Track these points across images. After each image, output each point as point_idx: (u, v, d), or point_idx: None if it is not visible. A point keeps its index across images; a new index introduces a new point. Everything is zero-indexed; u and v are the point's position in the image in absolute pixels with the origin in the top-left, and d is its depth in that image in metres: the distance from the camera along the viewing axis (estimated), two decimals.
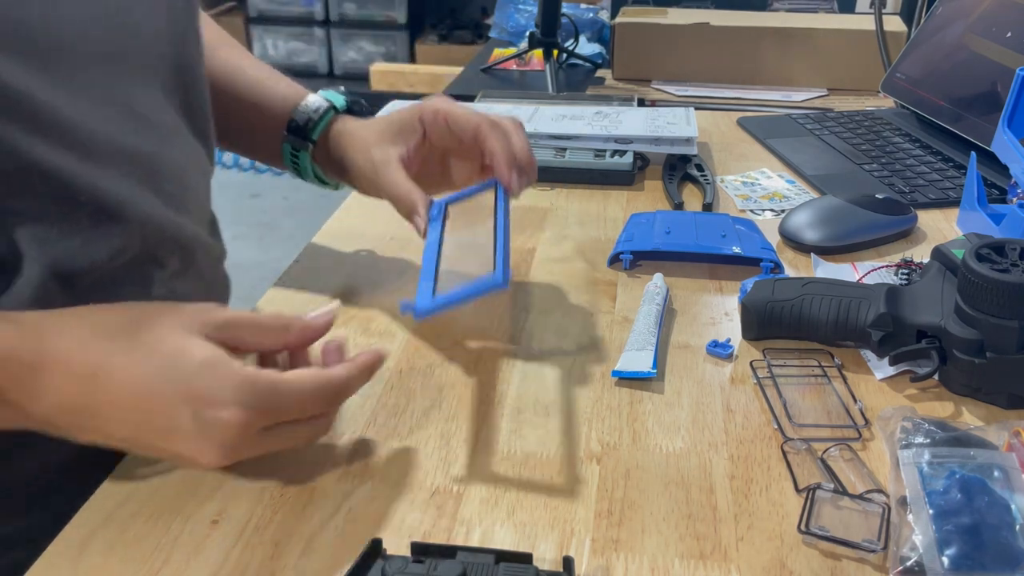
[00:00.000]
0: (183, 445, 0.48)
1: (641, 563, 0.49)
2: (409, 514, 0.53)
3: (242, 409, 0.47)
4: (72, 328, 0.49)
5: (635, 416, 0.62)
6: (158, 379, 0.47)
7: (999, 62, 1.08)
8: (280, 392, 0.49)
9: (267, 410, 0.49)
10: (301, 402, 0.50)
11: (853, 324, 0.66)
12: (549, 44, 1.57)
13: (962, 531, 0.48)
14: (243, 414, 0.47)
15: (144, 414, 0.48)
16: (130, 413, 0.48)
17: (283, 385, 0.49)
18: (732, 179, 1.04)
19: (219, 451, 0.48)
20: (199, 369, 0.48)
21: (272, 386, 0.49)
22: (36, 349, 0.48)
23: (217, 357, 0.48)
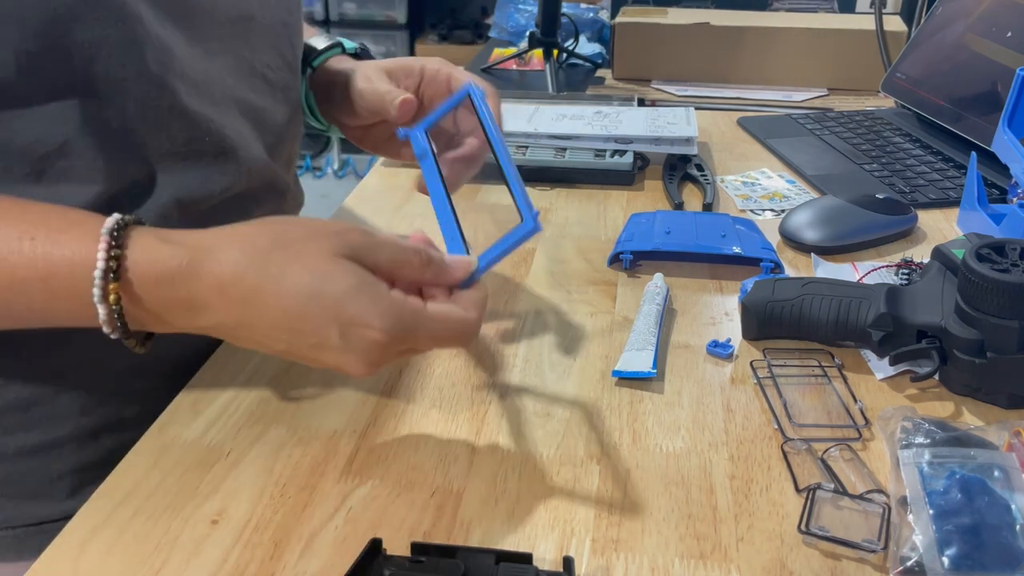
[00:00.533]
0: (332, 358, 0.51)
1: (641, 563, 0.49)
2: (409, 514, 0.53)
3: (385, 332, 0.49)
4: (225, 251, 0.51)
5: (635, 416, 0.62)
6: (309, 302, 0.49)
7: (999, 62, 1.08)
8: (421, 324, 0.51)
9: (408, 337, 0.51)
10: (438, 337, 0.52)
11: (853, 324, 0.66)
12: (549, 44, 1.57)
13: (962, 531, 0.48)
14: (386, 336, 0.50)
15: (296, 333, 0.50)
16: (283, 332, 0.51)
17: (425, 319, 0.51)
18: (732, 179, 1.04)
19: (364, 364, 0.51)
20: (347, 292, 0.49)
21: (415, 317, 0.51)
22: (193, 273, 0.50)
23: (364, 281, 0.50)
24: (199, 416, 0.61)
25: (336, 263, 0.50)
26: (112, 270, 0.49)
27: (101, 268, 0.49)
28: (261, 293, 0.50)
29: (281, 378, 0.65)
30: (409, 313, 0.51)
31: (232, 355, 0.68)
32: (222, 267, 0.50)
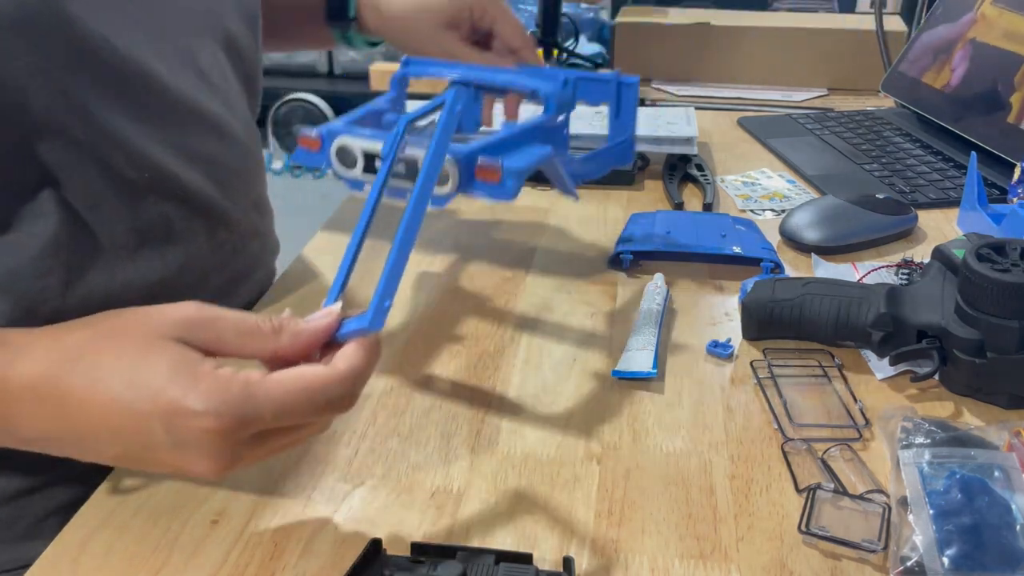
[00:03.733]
0: (170, 458, 0.44)
1: (641, 563, 0.49)
2: (409, 514, 0.53)
3: (215, 417, 0.41)
4: (41, 351, 0.46)
5: (635, 416, 0.62)
6: (124, 395, 0.43)
7: (1000, 62, 1.07)
8: (256, 398, 0.42)
9: (244, 419, 0.42)
10: (294, 409, 0.43)
11: (853, 324, 0.66)
12: (549, 44, 1.57)
13: (962, 531, 0.48)
14: (217, 422, 0.41)
15: (120, 434, 0.44)
16: (108, 434, 0.44)
17: (259, 390, 0.42)
18: (732, 179, 1.04)
19: (209, 461, 0.43)
20: (165, 376, 0.42)
21: (246, 391, 0.42)
22: (6, 376, 0.45)
23: (183, 360, 0.43)
24: None
25: (154, 345, 0.43)
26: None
27: None
28: (75, 392, 0.44)
29: None
30: (238, 388, 0.42)
31: None
32: (35, 366, 0.45)
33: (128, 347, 0.44)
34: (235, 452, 0.43)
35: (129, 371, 0.43)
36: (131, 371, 0.43)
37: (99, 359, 0.44)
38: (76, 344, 0.46)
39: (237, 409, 0.42)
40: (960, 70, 1.14)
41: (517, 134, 0.62)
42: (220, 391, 0.42)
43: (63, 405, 0.44)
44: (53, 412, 0.45)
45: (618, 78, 0.76)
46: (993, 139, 1.02)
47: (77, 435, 0.45)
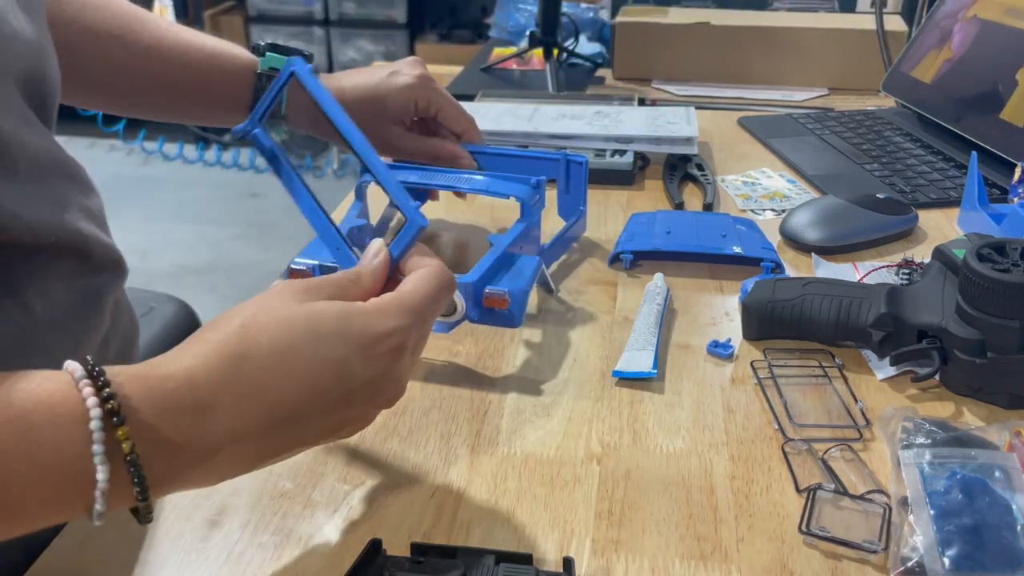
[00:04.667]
0: (365, 397, 0.45)
1: (641, 563, 0.49)
2: (409, 514, 0.53)
3: (401, 332, 0.45)
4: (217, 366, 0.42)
5: (635, 416, 0.62)
6: (318, 350, 0.43)
7: (1000, 61, 1.07)
8: (412, 303, 0.47)
9: (418, 320, 0.47)
10: (429, 303, 0.48)
11: (854, 324, 0.66)
12: (549, 43, 1.57)
13: (963, 531, 0.48)
14: (402, 335, 0.46)
15: (324, 391, 0.43)
16: (311, 396, 0.43)
17: (407, 298, 0.47)
18: (733, 179, 1.04)
19: (394, 386, 0.47)
20: (338, 321, 0.44)
21: (401, 302, 0.47)
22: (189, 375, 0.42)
23: (340, 306, 0.45)
24: None
25: (302, 309, 0.44)
26: (113, 412, 0.38)
27: (98, 416, 0.38)
28: (269, 382, 0.42)
29: None
30: (395, 303, 0.47)
31: None
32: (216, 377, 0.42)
33: (287, 323, 0.44)
34: (406, 369, 0.47)
35: (310, 337, 0.43)
36: (306, 330, 0.43)
37: (273, 347, 0.43)
38: (233, 334, 0.43)
39: (409, 318, 0.46)
40: (960, 46, 1.14)
41: (506, 249, 0.69)
42: (388, 312, 0.46)
43: (262, 396, 0.42)
44: (244, 396, 0.42)
45: (566, 156, 0.83)
46: (993, 139, 1.02)
47: (272, 420, 0.43)
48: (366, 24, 3.64)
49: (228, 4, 3.83)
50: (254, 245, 2.94)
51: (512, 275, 0.67)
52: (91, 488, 0.38)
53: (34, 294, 0.56)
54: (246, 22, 3.72)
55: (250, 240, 2.97)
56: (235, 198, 3.28)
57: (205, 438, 0.41)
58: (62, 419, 0.38)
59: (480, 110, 1.15)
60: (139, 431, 0.39)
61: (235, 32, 3.71)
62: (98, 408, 0.38)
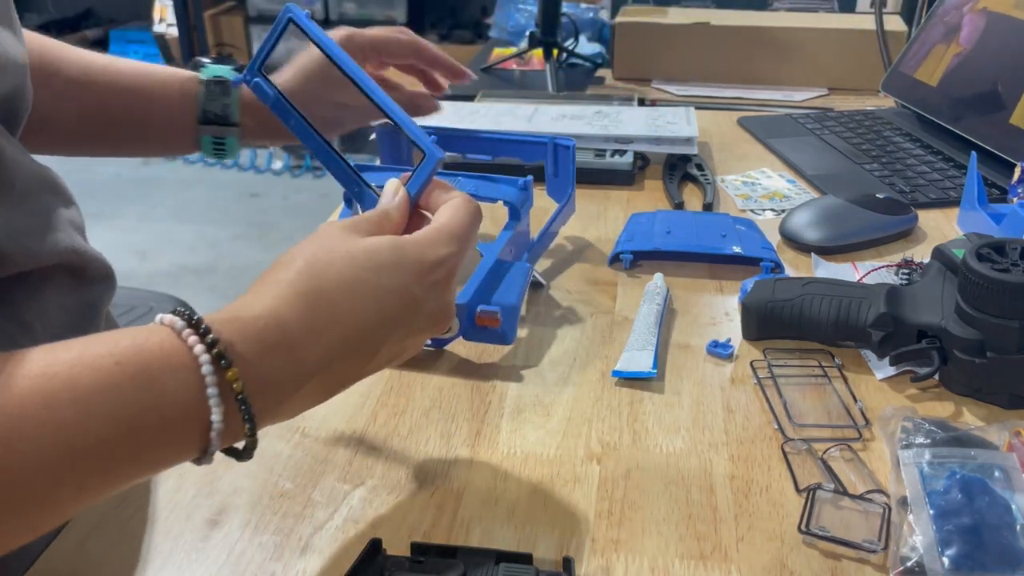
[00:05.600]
0: (426, 318, 0.49)
1: (641, 563, 0.49)
2: (409, 514, 0.53)
3: (453, 255, 0.49)
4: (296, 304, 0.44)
5: (635, 416, 0.62)
6: (383, 281, 0.46)
7: (1000, 61, 1.07)
8: (458, 222, 0.50)
9: (464, 242, 0.50)
10: (469, 225, 0.51)
11: (853, 324, 0.66)
12: (549, 44, 1.57)
13: (963, 531, 0.48)
14: (455, 258, 0.49)
15: (391, 316, 0.46)
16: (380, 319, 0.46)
17: (447, 223, 0.50)
18: (732, 179, 1.04)
19: (448, 308, 0.50)
20: (394, 252, 0.47)
21: (443, 229, 0.49)
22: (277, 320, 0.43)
23: (393, 239, 0.48)
24: None
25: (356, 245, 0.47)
26: (221, 356, 0.40)
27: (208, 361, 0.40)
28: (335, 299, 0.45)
29: None
30: (436, 231, 0.50)
31: None
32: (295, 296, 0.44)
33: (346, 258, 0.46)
34: (453, 293, 0.50)
35: (366, 265, 0.46)
36: (367, 263, 0.46)
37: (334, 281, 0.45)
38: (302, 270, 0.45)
39: (455, 244, 0.49)
40: (960, 69, 1.14)
41: (497, 256, 0.69)
42: (437, 241, 0.48)
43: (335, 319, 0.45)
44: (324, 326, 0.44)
45: (553, 140, 0.83)
46: (993, 139, 1.02)
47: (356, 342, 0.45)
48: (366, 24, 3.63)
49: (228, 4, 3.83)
50: (254, 245, 2.94)
51: (504, 287, 0.68)
52: (206, 430, 0.40)
53: (34, 314, 0.56)
54: (246, 22, 3.72)
55: (250, 240, 2.97)
56: (235, 198, 3.28)
57: (296, 370, 0.43)
58: (177, 368, 0.39)
59: (480, 110, 1.15)
60: (244, 371, 0.41)
61: (235, 32, 3.71)
62: (206, 354, 0.40)
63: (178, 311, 0.42)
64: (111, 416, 0.37)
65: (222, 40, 3.70)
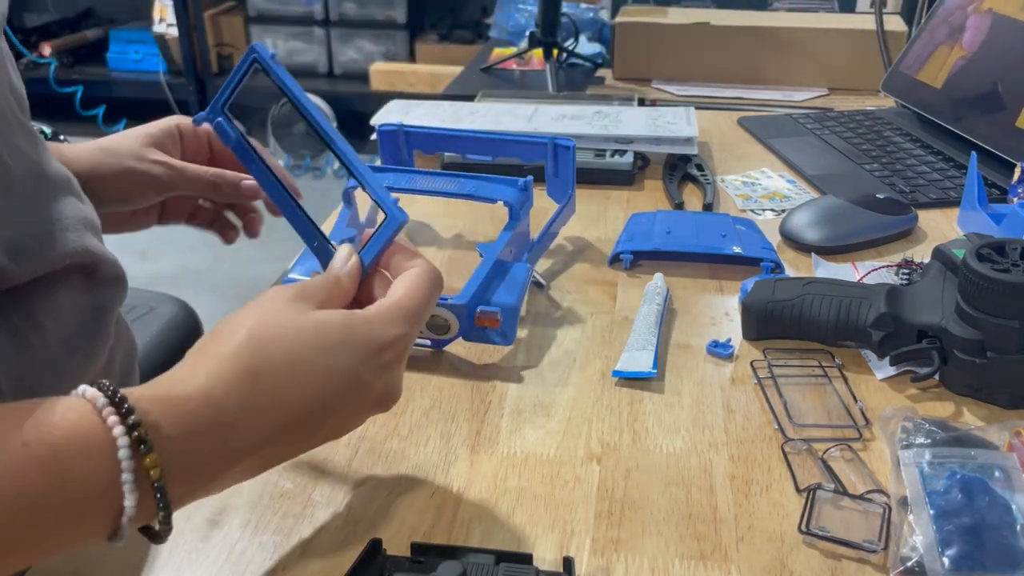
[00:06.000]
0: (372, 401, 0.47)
1: (641, 563, 0.49)
2: (409, 514, 0.53)
3: (406, 335, 0.47)
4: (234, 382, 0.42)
5: (635, 416, 0.62)
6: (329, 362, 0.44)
7: (1000, 61, 1.07)
8: (410, 306, 0.48)
9: (417, 323, 0.48)
10: (425, 302, 0.49)
11: (854, 324, 0.66)
12: (549, 44, 1.58)
13: (963, 531, 0.48)
14: (407, 339, 0.47)
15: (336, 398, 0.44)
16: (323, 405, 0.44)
17: (405, 300, 0.48)
18: (732, 179, 1.04)
19: (398, 387, 0.48)
20: (344, 332, 0.45)
21: (401, 307, 0.47)
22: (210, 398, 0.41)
23: (344, 315, 0.46)
24: None
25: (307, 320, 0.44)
26: (141, 440, 0.38)
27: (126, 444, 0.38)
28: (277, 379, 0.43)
29: None
30: (394, 308, 0.47)
31: None
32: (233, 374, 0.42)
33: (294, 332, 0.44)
34: (402, 370, 0.48)
35: (314, 344, 0.44)
36: (316, 342, 0.44)
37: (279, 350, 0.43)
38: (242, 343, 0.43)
39: (408, 324, 0.47)
40: (960, 69, 1.14)
41: (497, 257, 0.69)
42: (389, 320, 0.46)
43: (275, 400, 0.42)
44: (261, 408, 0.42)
45: (554, 140, 0.83)
46: (993, 139, 1.02)
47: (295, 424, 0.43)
48: (366, 24, 3.64)
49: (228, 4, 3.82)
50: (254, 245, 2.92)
51: (504, 288, 0.68)
52: (118, 515, 0.38)
53: (45, 315, 0.56)
54: (246, 22, 3.72)
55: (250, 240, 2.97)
56: None
57: (226, 452, 0.41)
58: (90, 451, 0.37)
59: (480, 110, 1.15)
60: (166, 454, 0.39)
61: (235, 32, 3.71)
62: (125, 437, 0.38)
63: (102, 384, 0.39)
64: (11, 500, 0.36)
65: (222, 40, 3.70)
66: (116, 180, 0.69)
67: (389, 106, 1.16)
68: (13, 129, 0.54)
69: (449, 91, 1.59)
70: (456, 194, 0.75)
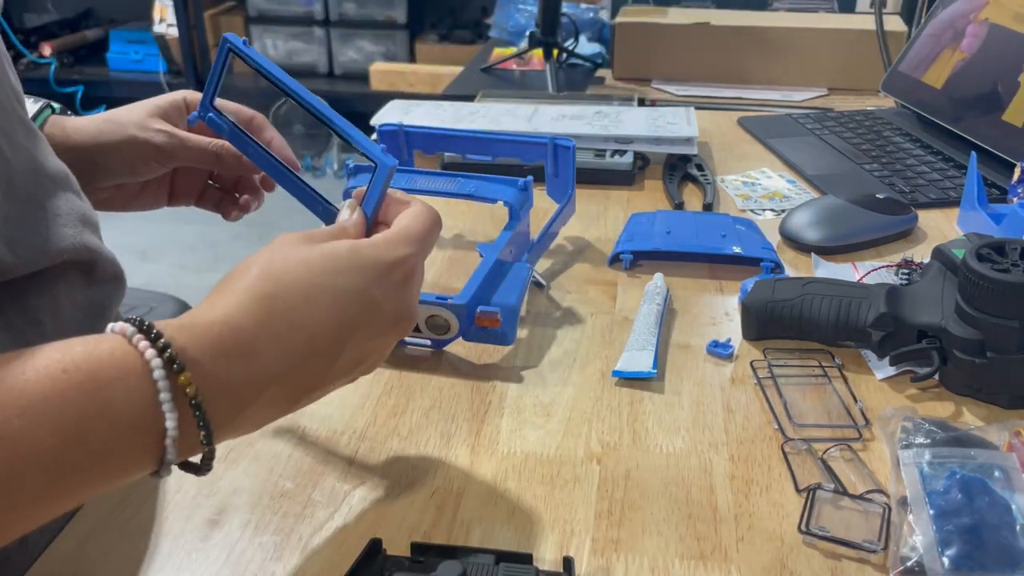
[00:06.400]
0: (386, 322, 0.47)
1: (641, 563, 0.49)
2: (409, 514, 0.53)
3: (412, 255, 0.48)
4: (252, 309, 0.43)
5: (635, 416, 0.62)
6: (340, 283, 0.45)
7: (1000, 61, 1.07)
8: (415, 229, 0.49)
9: (423, 246, 0.50)
10: (431, 225, 0.51)
11: (853, 324, 0.66)
12: (549, 44, 1.57)
13: (962, 531, 0.48)
14: (414, 259, 0.48)
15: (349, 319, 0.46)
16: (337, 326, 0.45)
17: (409, 225, 0.50)
18: (732, 179, 1.04)
19: (412, 309, 0.49)
20: (351, 254, 0.47)
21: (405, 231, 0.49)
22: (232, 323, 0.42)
23: (350, 242, 0.48)
24: None
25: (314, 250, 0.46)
26: (172, 360, 0.39)
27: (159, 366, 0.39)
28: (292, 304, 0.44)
29: None
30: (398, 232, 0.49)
31: None
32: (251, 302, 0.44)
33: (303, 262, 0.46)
34: (415, 297, 0.49)
35: (323, 268, 0.45)
36: (325, 267, 0.45)
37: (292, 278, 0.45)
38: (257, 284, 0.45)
39: (414, 246, 0.48)
40: (960, 69, 1.14)
41: (497, 257, 0.69)
42: (394, 242, 0.48)
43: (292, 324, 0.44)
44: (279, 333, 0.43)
45: (554, 140, 0.82)
46: (993, 139, 1.02)
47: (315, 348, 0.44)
48: (366, 24, 3.64)
49: (228, 4, 3.83)
50: (254, 245, 2.93)
51: (504, 288, 0.68)
52: (160, 438, 0.39)
53: (44, 312, 0.56)
54: (246, 22, 3.72)
55: (250, 240, 2.97)
56: None
57: (253, 377, 0.42)
58: (127, 374, 0.39)
59: (480, 110, 1.15)
60: (197, 376, 0.40)
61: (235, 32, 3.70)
62: (158, 358, 0.39)
63: (129, 318, 0.41)
64: (56, 425, 0.37)
65: None
66: (120, 148, 0.69)
67: (389, 106, 1.16)
68: (13, 124, 0.54)
69: (449, 91, 1.59)
70: (456, 194, 0.75)
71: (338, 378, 0.47)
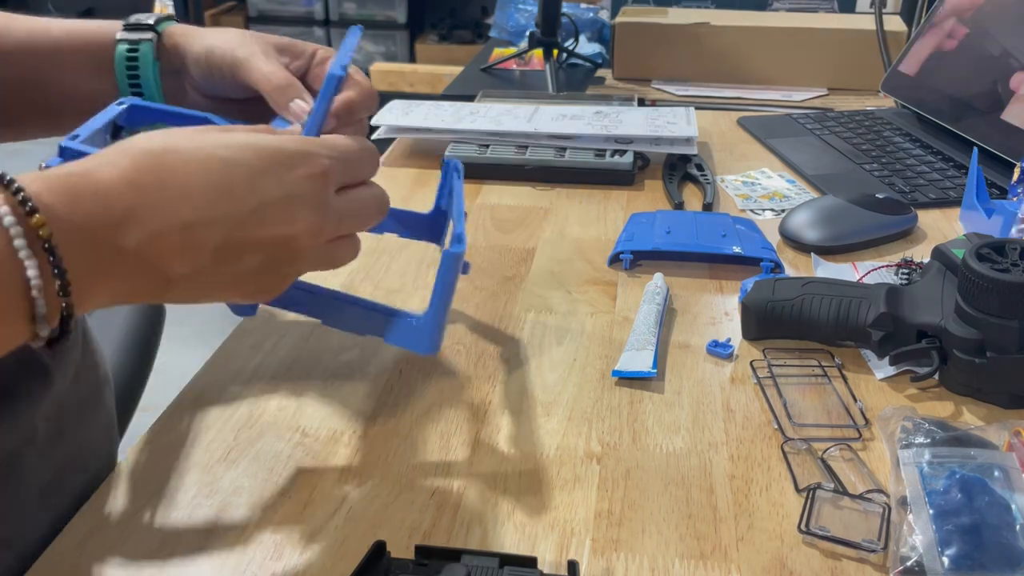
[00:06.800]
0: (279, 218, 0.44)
1: (641, 563, 0.49)
2: (409, 514, 0.53)
3: (320, 158, 0.46)
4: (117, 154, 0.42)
5: (635, 416, 0.62)
6: (230, 155, 0.43)
7: (1000, 61, 1.07)
8: (335, 139, 0.48)
9: (337, 157, 0.47)
10: (367, 154, 0.49)
11: (853, 324, 0.66)
12: (549, 44, 1.57)
13: (962, 531, 0.48)
14: (324, 161, 0.45)
15: (232, 202, 0.43)
16: (219, 207, 0.43)
17: (331, 137, 0.48)
18: (732, 179, 1.04)
19: (315, 215, 0.45)
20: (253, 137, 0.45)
21: (325, 138, 0.48)
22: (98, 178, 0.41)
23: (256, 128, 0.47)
24: (199, 417, 0.61)
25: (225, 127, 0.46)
26: (24, 201, 0.38)
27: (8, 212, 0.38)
28: (172, 163, 0.42)
29: (281, 378, 0.65)
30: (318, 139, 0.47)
31: (232, 356, 0.68)
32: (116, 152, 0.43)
33: (200, 130, 0.45)
34: (330, 203, 0.46)
35: (218, 140, 0.44)
36: (220, 139, 0.44)
37: (183, 135, 0.44)
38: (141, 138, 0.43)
39: (329, 150, 0.46)
40: (960, 69, 1.14)
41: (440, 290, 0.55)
42: (306, 140, 0.46)
43: (168, 182, 0.42)
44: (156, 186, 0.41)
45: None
46: (993, 139, 1.02)
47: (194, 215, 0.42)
48: (366, 24, 3.64)
49: (228, 4, 3.83)
50: None
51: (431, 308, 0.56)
52: (27, 290, 0.38)
53: None
54: (246, 22, 3.72)
55: None
56: None
57: (111, 229, 0.40)
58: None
59: (480, 110, 1.15)
60: (51, 219, 0.38)
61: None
62: (5, 205, 0.37)
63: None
64: None
65: None
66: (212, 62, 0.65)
67: (389, 106, 1.16)
68: None
69: (449, 91, 1.59)
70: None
71: (216, 271, 0.44)
